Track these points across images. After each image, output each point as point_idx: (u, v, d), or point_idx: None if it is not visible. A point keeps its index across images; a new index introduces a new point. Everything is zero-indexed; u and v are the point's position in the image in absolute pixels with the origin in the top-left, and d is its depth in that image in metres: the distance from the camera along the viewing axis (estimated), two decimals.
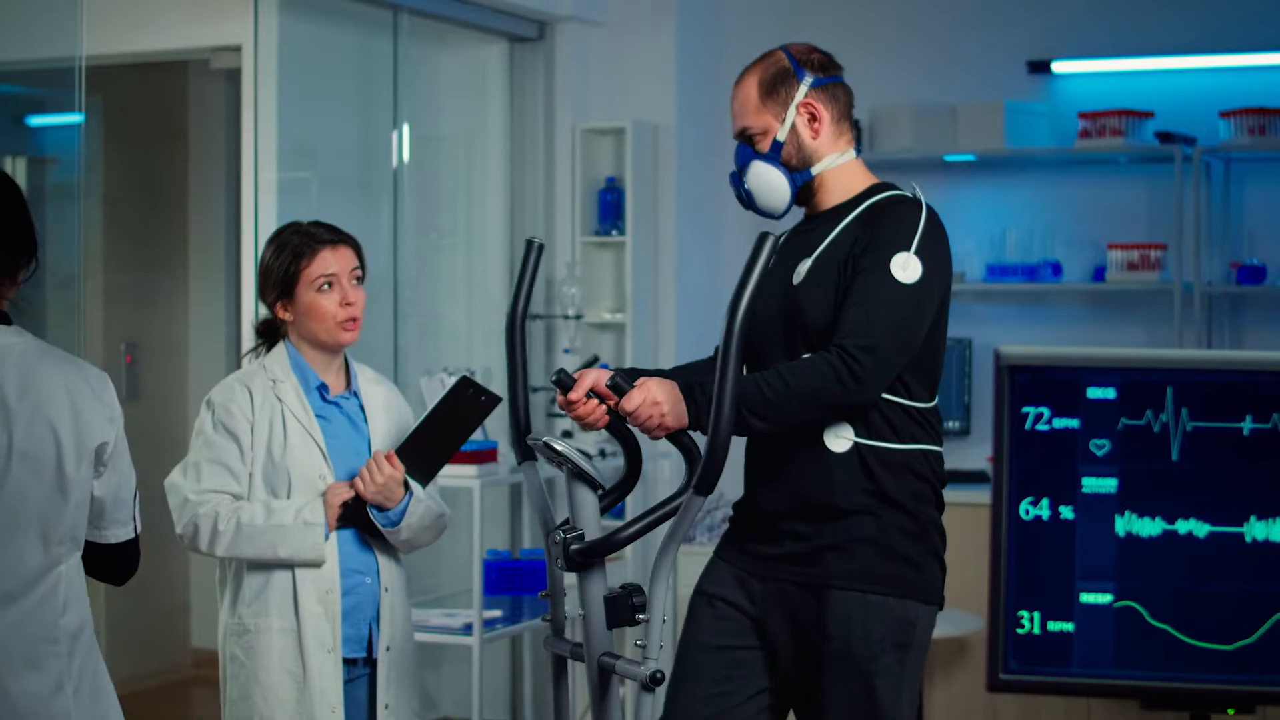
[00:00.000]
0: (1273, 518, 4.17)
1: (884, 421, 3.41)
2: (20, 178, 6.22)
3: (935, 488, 3.51)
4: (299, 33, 5.98)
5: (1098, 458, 4.18)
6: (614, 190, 6.83)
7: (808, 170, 3.50)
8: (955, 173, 6.73)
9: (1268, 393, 4.17)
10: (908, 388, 3.43)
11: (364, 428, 3.74)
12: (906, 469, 3.43)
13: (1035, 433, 4.18)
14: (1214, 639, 4.14)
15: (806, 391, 3.28)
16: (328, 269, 3.65)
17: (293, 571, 3.59)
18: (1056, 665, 4.18)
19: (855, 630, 3.38)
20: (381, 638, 3.69)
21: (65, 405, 2.91)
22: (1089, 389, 4.18)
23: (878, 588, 3.40)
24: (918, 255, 3.35)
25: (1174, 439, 4.18)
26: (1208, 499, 4.16)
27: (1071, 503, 4.16)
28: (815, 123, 3.48)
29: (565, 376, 3.40)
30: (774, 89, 3.48)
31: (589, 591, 3.26)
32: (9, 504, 2.84)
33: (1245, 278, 6.28)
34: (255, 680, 3.58)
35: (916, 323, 3.38)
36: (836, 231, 3.45)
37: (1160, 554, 4.17)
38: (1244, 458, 4.16)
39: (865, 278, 3.34)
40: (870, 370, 3.29)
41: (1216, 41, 6.38)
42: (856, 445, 3.40)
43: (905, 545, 3.42)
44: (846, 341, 3.30)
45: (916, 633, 3.44)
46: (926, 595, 3.46)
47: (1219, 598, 4.16)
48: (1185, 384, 4.18)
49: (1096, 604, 4.14)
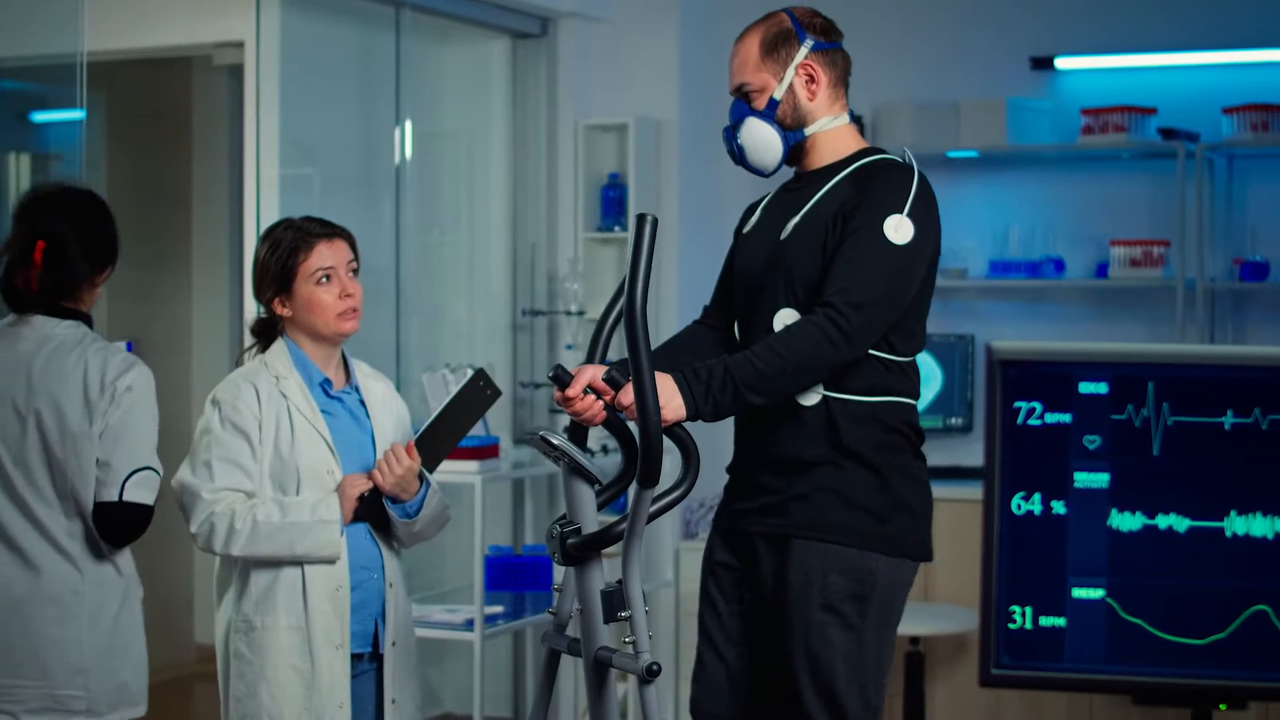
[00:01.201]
0: (1253, 513, 4.16)
1: (857, 375, 3.45)
2: (23, 174, 6.23)
3: (908, 437, 3.53)
4: (301, 29, 5.99)
5: (1090, 452, 4.17)
6: (616, 186, 6.83)
7: (801, 130, 3.55)
8: (958, 169, 6.72)
9: (1249, 387, 4.17)
10: (890, 343, 3.47)
11: (366, 422, 3.75)
12: (872, 419, 3.45)
13: (1027, 427, 4.17)
14: (1187, 633, 4.14)
15: (799, 358, 3.33)
16: (324, 262, 3.65)
17: (302, 569, 3.59)
18: (1048, 660, 4.18)
19: (814, 579, 3.42)
20: (387, 633, 3.70)
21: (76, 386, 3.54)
22: (1081, 384, 4.17)
23: (836, 537, 3.43)
24: (910, 217, 3.40)
25: (1155, 433, 4.18)
26: (1188, 494, 4.16)
27: (1063, 497, 4.16)
28: (813, 84, 3.54)
29: (562, 372, 3.41)
30: (775, 48, 3.54)
31: (586, 586, 3.27)
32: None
33: (1248, 274, 6.28)
34: (262, 677, 3.58)
35: (906, 283, 3.42)
36: (825, 189, 3.50)
37: (1142, 549, 4.17)
38: (1225, 452, 4.17)
39: (857, 237, 3.39)
40: (858, 325, 3.34)
41: (1219, 38, 6.38)
42: (825, 399, 3.44)
43: (868, 496, 3.45)
44: (835, 298, 3.34)
45: (879, 585, 3.45)
46: (891, 548, 3.47)
47: (1197, 593, 4.16)
48: (1166, 378, 4.17)
49: (1088, 599, 4.14)
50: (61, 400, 3.54)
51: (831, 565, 3.42)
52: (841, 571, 3.42)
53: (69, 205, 3.65)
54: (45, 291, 3.61)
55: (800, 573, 3.43)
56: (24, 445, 3.53)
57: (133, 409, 3.60)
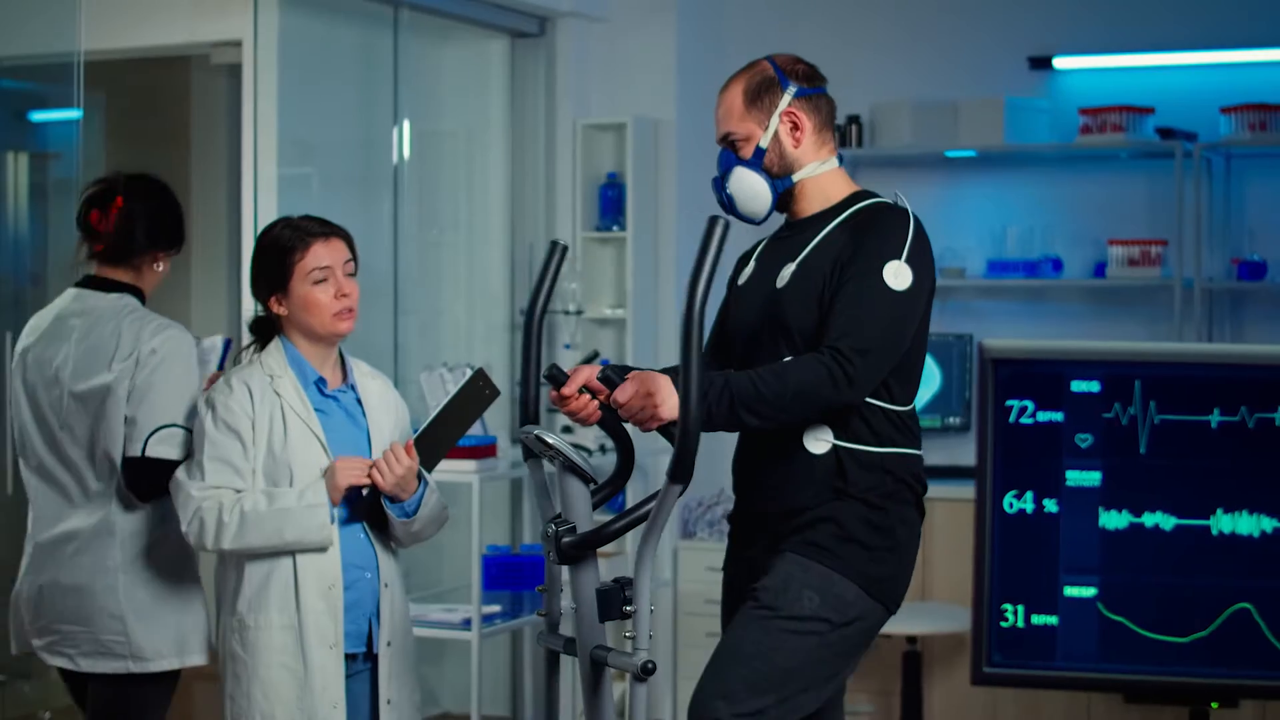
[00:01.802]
0: (1239, 511, 4.17)
1: (863, 424, 3.45)
2: (22, 173, 6.24)
3: (912, 488, 3.53)
4: (299, 28, 5.99)
5: (1082, 450, 4.18)
6: (614, 186, 6.84)
7: (789, 177, 3.57)
8: (956, 168, 6.72)
9: (1236, 386, 4.18)
10: (889, 391, 3.47)
11: (362, 421, 3.74)
12: (881, 469, 3.46)
13: (1019, 426, 4.18)
14: (1171, 631, 4.15)
15: (800, 390, 3.32)
16: (321, 262, 3.64)
17: (294, 567, 3.58)
18: (1040, 659, 4.18)
19: (792, 587, 3.40)
20: (382, 633, 3.69)
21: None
22: (1073, 382, 4.18)
23: (825, 560, 3.42)
24: (908, 263, 3.41)
25: (1142, 432, 4.18)
26: (1175, 492, 4.17)
27: (1055, 496, 4.16)
28: (797, 131, 3.55)
29: (558, 372, 3.41)
30: (758, 97, 3.56)
31: (581, 584, 3.27)
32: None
33: (1246, 274, 6.28)
34: (255, 676, 3.58)
35: (906, 329, 3.44)
36: (820, 237, 3.51)
37: (1129, 547, 4.17)
38: (1212, 451, 4.18)
39: (858, 284, 3.40)
40: (862, 372, 3.34)
41: (1217, 37, 6.38)
42: (835, 448, 3.44)
43: (866, 534, 3.44)
44: (840, 344, 3.34)
45: (850, 617, 3.42)
46: (872, 587, 3.45)
47: (1182, 591, 4.16)
48: (1153, 377, 4.18)
49: (1080, 597, 4.14)
50: (93, 365, 3.82)
51: (811, 582, 3.41)
52: (819, 590, 3.41)
53: (154, 185, 4.03)
54: (109, 249, 3.95)
55: (780, 577, 3.42)
56: (63, 408, 3.84)
57: (158, 369, 3.81)
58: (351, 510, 3.66)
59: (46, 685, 5.99)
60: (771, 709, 3.36)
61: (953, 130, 6.60)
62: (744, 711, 3.34)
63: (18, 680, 6.12)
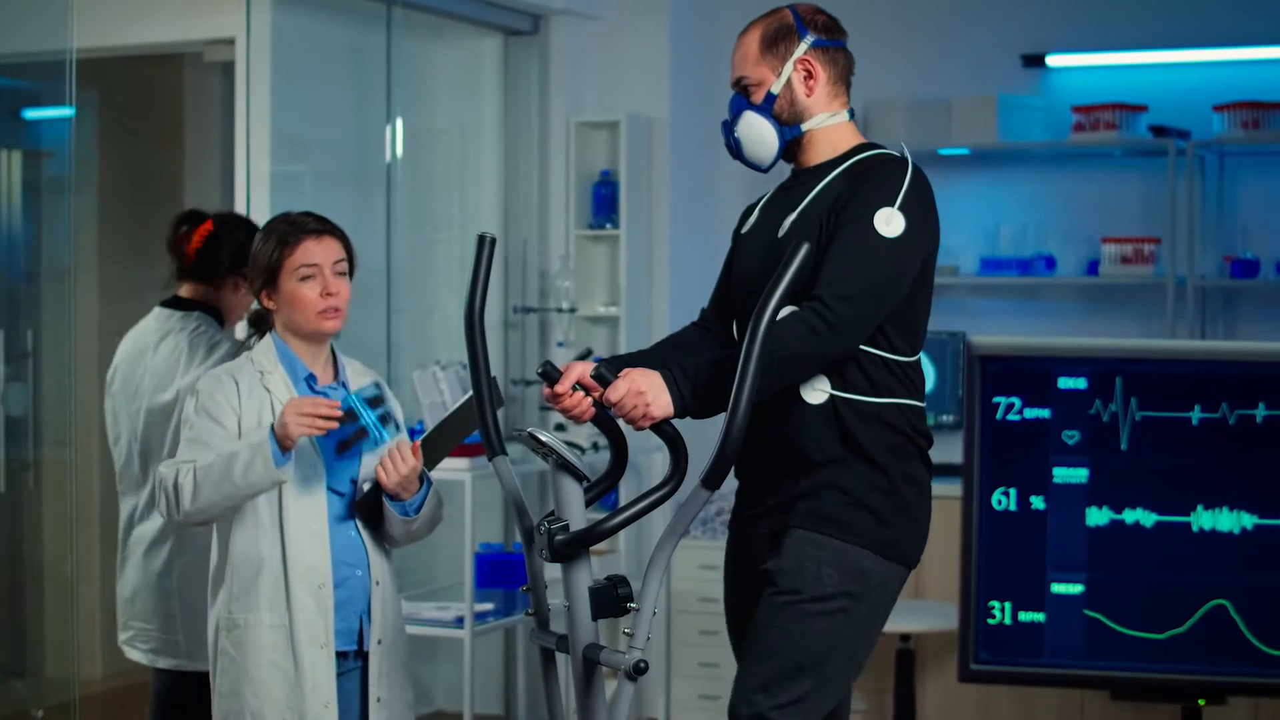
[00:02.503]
0: (1219, 507, 4.18)
1: (860, 374, 3.43)
2: (15, 171, 6.23)
3: (914, 440, 3.52)
4: (292, 26, 5.99)
5: (1069, 447, 4.18)
6: (608, 184, 6.84)
7: (797, 126, 3.54)
8: (949, 166, 6.73)
9: (1216, 382, 4.19)
10: (889, 340, 3.45)
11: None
12: (879, 420, 3.45)
13: (1006, 423, 4.18)
14: (1148, 628, 4.16)
15: (786, 354, 3.30)
16: (310, 259, 3.64)
17: (284, 565, 3.57)
18: (1027, 656, 4.18)
19: (808, 568, 3.40)
20: (373, 631, 3.68)
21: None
22: (1060, 379, 4.18)
23: (836, 532, 3.42)
24: (901, 210, 3.39)
25: (1123, 428, 4.19)
26: (1156, 488, 4.18)
27: (1042, 493, 4.17)
28: (811, 80, 3.53)
29: (551, 369, 3.40)
30: (774, 43, 3.53)
31: (574, 583, 3.26)
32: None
33: (1238, 271, 6.29)
34: (245, 675, 3.57)
35: (896, 275, 3.41)
36: (820, 186, 3.50)
37: (1111, 544, 4.18)
38: (1193, 447, 4.19)
39: (847, 230, 3.38)
40: (844, 318, 3.32)
41: (1210, 35, 6.39)
42: (832, 398, 3.43)
43: (873, 498, 3.44)
44: (823, 291, 3.34)
45: (871, 585, 3.43)
46: (887, 550, 3.45)
47: (1162, 587, 4.17)
48: (1134, 374, 4.19)
49: (1067, 594, 4.14)
50: (163, 381, 4.21)
51: (827, 558, 3.41)
52: (836, 566, 3.40)
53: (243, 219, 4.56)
54: (191, 268, 4.41)
55: (794, 559, 3.41)
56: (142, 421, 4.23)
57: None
58: (344, 507, 3.65)
59: (40, 683, 5.99)
60: (812, 693, 3.37)
61: (946, 128, 6.60)
62: (785, 701, 3.36)
63: (11, 678, 6.12)
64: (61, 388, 5.92)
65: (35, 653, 6.18)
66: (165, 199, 7.86)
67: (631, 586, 3.28)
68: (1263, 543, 4.20)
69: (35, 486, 6.05)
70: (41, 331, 5.98)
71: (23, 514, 6.07)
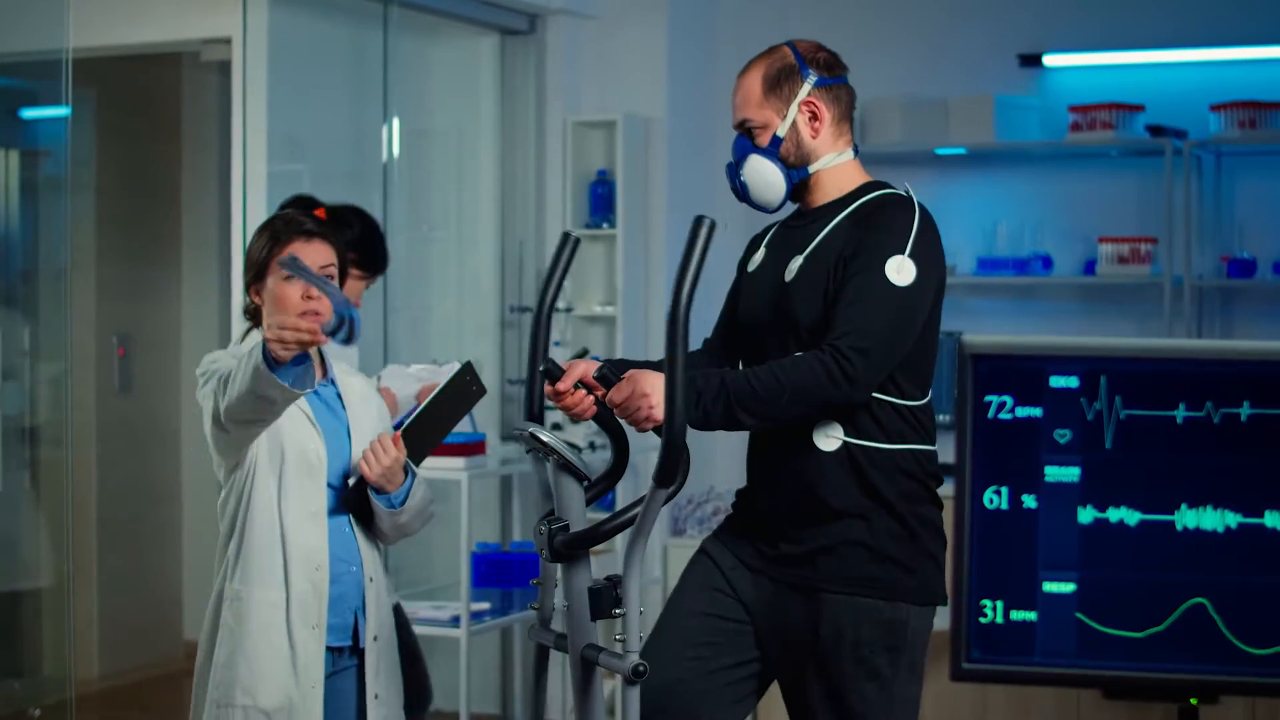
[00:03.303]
0: (1203, 506, 4.19)
1: (872, 421, 3.42)
2: (13, 171, 6.23)
3: (928, 485, 3.50)
4: (289, 25, 5.98)
5: (1061, 446, 4.18)
6: (604, 183, 6.84)
7: (805, 168, 3.51)
8: (946, 166, 6.73)
9: (1201, 381, 4.19)
10: (899, 386, 3.44)
11: (342, 414, 3.74)
12: (896, 468, 3.43)
13: (998, 421, 4.18)
14: (1127, 626, 4.16)
15: (797, 388, 3.28)
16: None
17: (283, 546, 3.57)
18: (1019, 655, 4.19)
19: (845, 633, 3.40)
20: (368, 627, 3.69)
21: None
22: (1052, 377, 4.18)
23: (868, 591, 3.41)
24: (912, 258, 3.36)
25: (1107, 427, 4.19)
26: (1140, 487, 4.18)
27: (1034, 491, 4.17)
28: (816, 121, 3.50)
29: (554, 367, 3.40)
30: (777, 85, 3.49)
31: (573, 583, 3.26)
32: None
33: (1235, 271, 6.29)
34: (241, 648, 3.57)
35: (910, 325, 3.39)
36: (827, 230, 3.46)
37: (1099, 542, 4.19)
38: (1177, 446, 4.19)
39: (859, 280, 3.35)
40: (862, 371, 3.29)
41: (1207, 35, 6.39)
42: (846, 445, 3.41)
43: (896, 548, 3.43)
44: (840, 342, 3.30)
45: (909, 635, 3.44)
46: (919, 597, 3.46)
47: (1144, 586, 4.18)
48: (1119, 372, 4.19)
49: (1059, 593, 4.15)
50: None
51: (864, 618, 3.41)
52: (874, 624, 3.41)
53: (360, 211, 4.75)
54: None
55: (832, 626, 3.41)
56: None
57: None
58: (337, 501, 3.66)
59: (38, 683, 5.99)
60: None
61: (943, 128, 6.60)
62: None
63: (9, 678, 6.12)
64: (58, 387, 5.92)
65: (32, 652, 6.18)
66: (163, 198, 7.87)
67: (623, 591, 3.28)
68: (1246, 541, 4.21)
69: (32, 486, 6.05)
70: (38, 330, 5.98)
71: (19, 513, 6.07)
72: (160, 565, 7.69)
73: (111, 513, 7.37)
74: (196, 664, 3.68)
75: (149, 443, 7.71)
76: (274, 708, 3.55)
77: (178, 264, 7.94)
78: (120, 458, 7.49)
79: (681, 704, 3.52)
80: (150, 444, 7.72)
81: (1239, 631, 4.16)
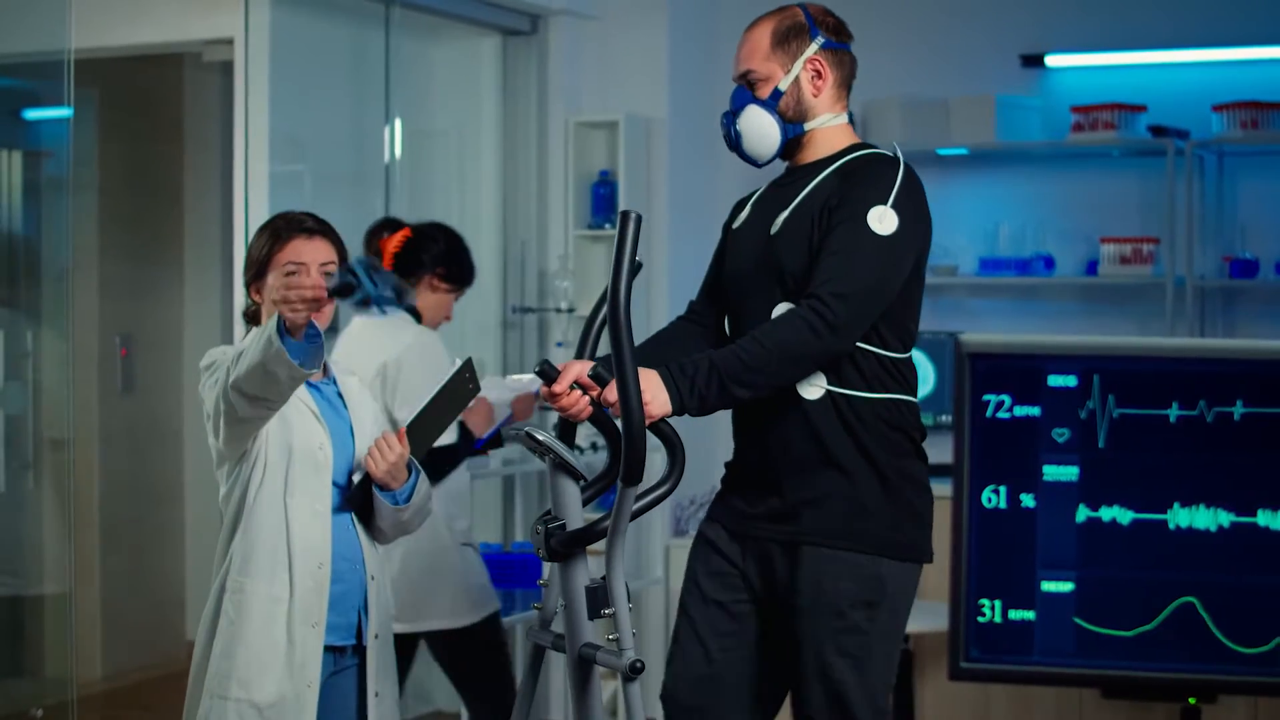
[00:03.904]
0: (1196, 505, 4.19)
1: (855, 370, 3.46)
2: (15, 171, 6.23)
3: (911, 437, 3.55)
4: (291, 26, 5.99)
5: (1059, 445, 4.18)
6: (607, 184, 6.84)
7: (800, 124, 3.57)
8: (947, 166, 6.73)
9: (1194, 380, 4.20)
10: (881, 337, 3.48)
11: (344, 412, 3.75)
12: (878, 419, 3.48)
13: (996, 420, 4.18)
14: (1118, 625, 4.16)
15: (784, 350, 3.33)
16: (298, 256, 3.64)
17: (288, 543, 3.57)
18: (1018, 654, 4.19)
19: (825, 585, 3.44)
20: (370, 625, 3.70)
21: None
22: (1050, 376, 4.18)
23: (848, 544, 3.45)
24: (894, 208, 3.41)
25: (1100, 426, 4.19)
26: (1133, 486, 4.18)
27: (1032, 491, 4.17)
28: (818, 80, 3.56)
29: (549, 368, 3.41)
30: (785, 40, 3.55)
31: (570, 582, 3.27)
32: None
33: (1238, 272, 6.28)
34: (240, 641, 3.57)
35: (891, 274, 3.43)
36: (813, 184, 3.52)
37: (1091, 541, 4.19)
38: (1170, 445, 4.19)
39: (841, 229, 3.40)
40: (844, 316, 3.34)
41: (1209, 35, 6.38)
42: (829, 393, 3.45)
43: (878, 503, 3.47)
44: (820, 290, 3.36)
45: (888, 591, 3.48)
46: (900, 553, 3.50)
47: (1136, 584, 4.18)
48: (1111, 371, 4.19)
49: (1057, 593, 4.15)
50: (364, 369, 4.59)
51: (843, 572, 3.44)
52: (853, 578, 3.44)
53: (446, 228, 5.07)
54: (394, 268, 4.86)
55: (811, 579, 3.45)
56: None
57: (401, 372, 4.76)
58: (342, 499, 3.66)
59: (40, 682, 6.00)
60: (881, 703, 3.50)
61: (944, 128, 6.60)
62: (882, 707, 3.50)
63: (12, 678, 6.13)
64: (61, 387, 5.93)
65: (34, 652, 6.19)
66: (165, 199, 7.87)
67: (627, 589, 3.29)
68: (1239, 540, 4.21)
69: (35, 486, 6.05)
70: (40, 330, 5.98)
71: (22, 513, 6.07)
72: (163, 565, 7.69)
73: (114, 513, 7.37)
74: (194, 652, 3.68)
75: (151, 443, 7.71)
76: (267, 703, 3.55)
77: (180, 264, 7.95)
78: (123, 458, 7.50)
79: (727, 692, 3.60)
80: (153, 444, 7.72)
81: (1230, 630, 4.17)
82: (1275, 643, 4.16)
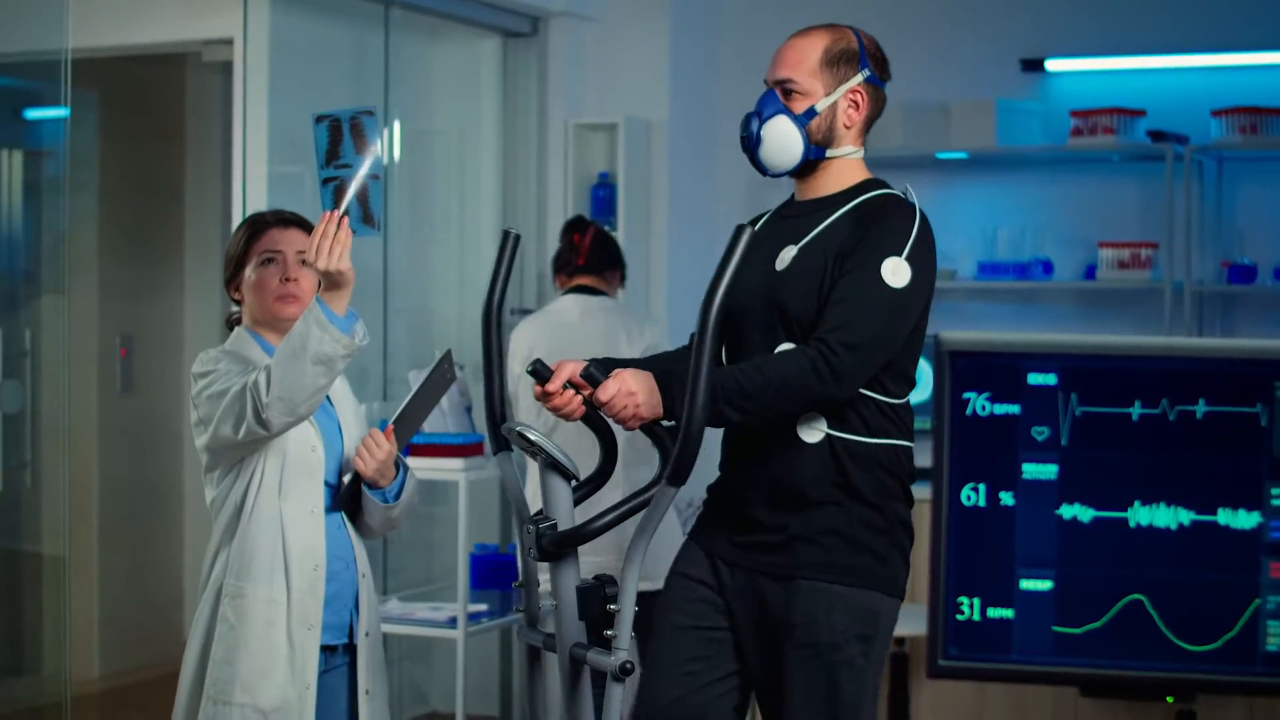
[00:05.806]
0: (1156, 503, 4.19)
1: (856, 415, 3.44)
2: (16, 171, 6.24)
3: (903, 483, 3.53)
4: (290, 26, 5.99)
5: (1038, 443, 4.19)
6: (606, 186, 6.84)
7: (824, 149, 3.53)
8: (947, 170, 6.73)
9: (1157, 378, 4.20)
10: (882, 384, 3.46)
11: (332, 411, 3.76)
12: (875, 463, 3.46)
13: (976, 418, 4.19)
14: (1070, 623, 4.16)
15: (783, 384, 3.30)
16: (274, 245, 3.65)
17: (283, 545, 3.57)
18: (996, 652, 4.19)
19: (821, 620, 3.42)
20: (361, 624, 3.70)
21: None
22: (1030, 375, 4.19)
23: (844, 578, 3.43)
24: (909, 261, 3.38)
25: (1063, 424, 4.20)
26: (1094, 484, 4.18)
27: (1012, 489, 4.17)
28: (854, 111, 3.53)
29: (542, 367, 3.41)
30: (836, 63, 3.53)
31: (561, 582, 3.28)
32: None
33: (1236, 277, 6.28)
34: (242, 646, 3.57)
35: (900, 326, 3.42)
36: (826, 224, 3.48)
37: (1064, 539, 4.19)
38: (1132, 443, 4.20)
39: (854, 277, 3.37)
40: (849, 366, 3.32)
41: (1209, 40, 6.39)
42: (829, 437, 3.43)
43: (870, 538, 3.45)
44: (829, 336, 3.32)
45: (880, 624, 3.47)
46: (890, 588, 3.49)
47: (1095, 582, 4.19)
48: (1073, 369, 4.20)
49: (1035, 591, 4.15)
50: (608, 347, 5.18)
51: (838, 606, 3.43)
52: (847, 612, 3.43)
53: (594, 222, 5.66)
54: (589, 263, 5.58)
55: (806, 613, 3.43)
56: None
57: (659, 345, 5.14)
58: (333, 499, 3.67)
59: (38, 682, 6.00)
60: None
61: (944, 132, 6.60)
62: None
63: (10, 676, 6.13)
64: (59, 387, 5.93)
65: (33, 651, 6.19)
66: (165, 199, 7.88)
67: (619, 586, 3.29)
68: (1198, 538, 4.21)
69: (33, 486, 6.06)
70: (39, 331, 5.98)
71: (20, 513, 6.08)
72: (161, 565, 7.70)
73: (112, 513, 7.38)
74: (185, 656, 3.67)
75: (150, 443, 7.72)
76: (272, 707, 3.55)
77: (180, 264, 7.95)
78: (122, 458, 7.51)
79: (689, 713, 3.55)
80: (152, 444, 7.73)
81: (1175, 628, 4.17)
82: (1225, 640, 4.17)
